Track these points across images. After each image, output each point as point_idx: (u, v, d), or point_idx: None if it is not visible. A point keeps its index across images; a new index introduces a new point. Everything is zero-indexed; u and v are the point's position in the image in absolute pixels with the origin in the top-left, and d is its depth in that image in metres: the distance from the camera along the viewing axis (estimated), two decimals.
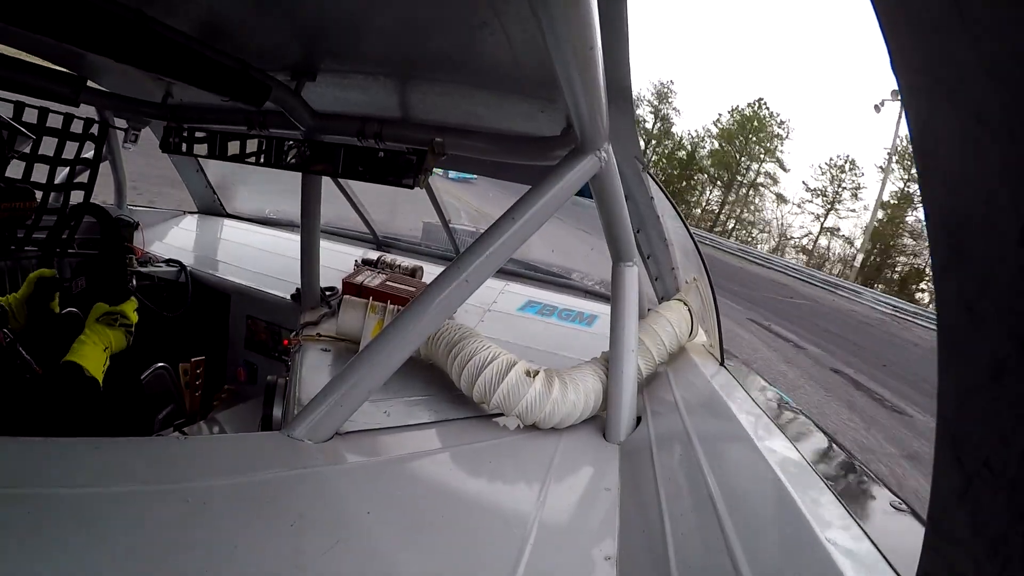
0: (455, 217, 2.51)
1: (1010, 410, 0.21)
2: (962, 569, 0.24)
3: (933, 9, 0.20)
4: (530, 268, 2.44)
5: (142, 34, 0.80)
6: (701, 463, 0.80)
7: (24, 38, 1.14)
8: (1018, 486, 0.21)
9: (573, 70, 0.63)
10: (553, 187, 0.92)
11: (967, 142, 0.21)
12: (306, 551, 0.60)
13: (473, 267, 0.89)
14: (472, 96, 1.03)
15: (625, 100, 0.88)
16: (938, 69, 0.21)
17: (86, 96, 1.25)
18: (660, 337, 1.26)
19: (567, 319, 1.90)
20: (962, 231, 0.23)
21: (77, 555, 0.51)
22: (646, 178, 1.29)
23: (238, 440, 0.93)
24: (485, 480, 0.89)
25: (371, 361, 0.87)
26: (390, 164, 1.19)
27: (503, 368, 1.05)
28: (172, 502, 0.62)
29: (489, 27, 0.70)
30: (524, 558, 0.67)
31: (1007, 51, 0.18)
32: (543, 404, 1.02)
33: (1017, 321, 0.20)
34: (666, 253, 1.54)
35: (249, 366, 2.04)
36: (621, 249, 1.15)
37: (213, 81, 0.96)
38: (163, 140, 1.55)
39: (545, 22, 0.55)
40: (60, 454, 0.66)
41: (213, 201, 2.78)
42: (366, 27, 0.84)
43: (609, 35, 0.65)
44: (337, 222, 2.72)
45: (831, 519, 0.61)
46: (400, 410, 1.06)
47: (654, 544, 0.69)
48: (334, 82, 1.14)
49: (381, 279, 1.64)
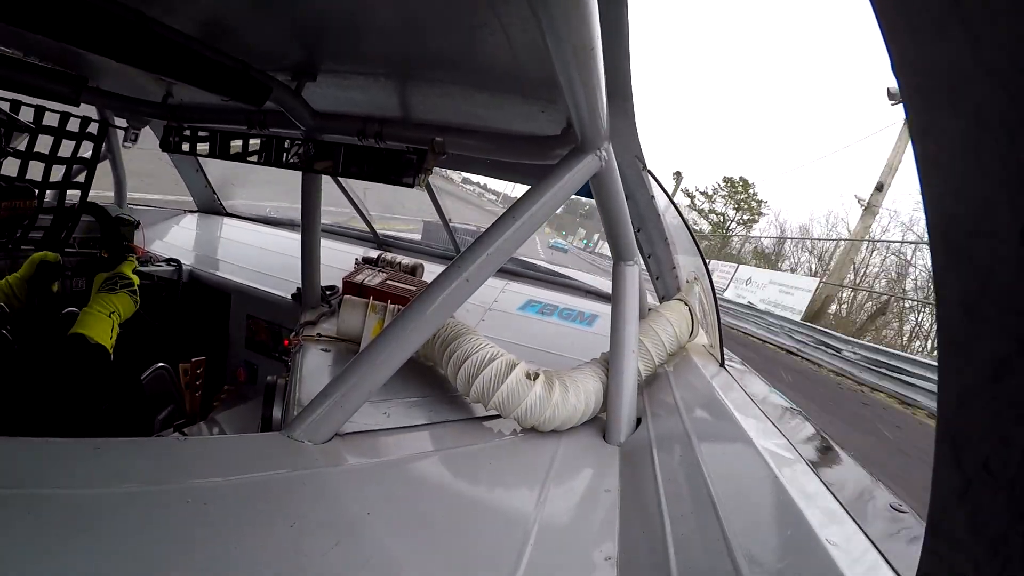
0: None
1: (1010, 410, 0.21)
2: (962, 570, 0.24)
3: (933, 10, 0.20)
4: (530, 267, 2.44)
5: (142, 34, 0.80)
6: (701, 464, 0.80)
7: (24, 38, 1.14)
8: (1018, 487, 0.20)
9: (573, 70, 0.63)
10: (553, 186, 0.92)
11: (967, 142, 0.21)
12: (306, 552, 0.60)
13: (474, 266, 0.89)
14: (472, 96, 1.03)
15: (625, 100, 0.88)
16: (938, 70, 0.21)
17: (86, 96, 1.25)
18: (660, 337, 1.26)
19: (568, 319, 1.90)
20: (962, 231, 0.23)
21: (77, 555, 0.51)
22: (646, 177, 1.29)
23: (238, 441, 0.93)
24: (485, 481, 0.89)
25: (371, 362, 0.87)
26: (390, 163, 1.19)
27: (503, 369, 1.04)
28: (172, 503, 0.62)
29: (489, 27, 0.70)
30: (524, 559, 0.67)
31: (1007, 52, 0.18)
32: (543, 408, 1.01)
33: (1017, 321, 0.20)
34: (667, 252, 1.54)
35: (249, 366, 2.04)
36: (622, 248, 1.15)
37: (213, 81, 0.96)
38: (163, 139, 1.55)
39: (545, 22, 0.55)
40: (60, 454, 0.66)
41: (213, 200, 2.79)
42: (367, 28, 0.84)
43: (609, 35, 0.65)
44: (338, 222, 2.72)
45: (831, 520, 0.61)
46: (400, 411, 1.05)
47: (654, 545, 0.69)
48: (334, 82, 1.14)
49: (381, 278, 1.64)
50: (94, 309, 1.20)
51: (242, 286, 2.01)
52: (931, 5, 0.20)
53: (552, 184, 0.92)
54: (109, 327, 1.19)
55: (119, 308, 1.24)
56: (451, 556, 0.67)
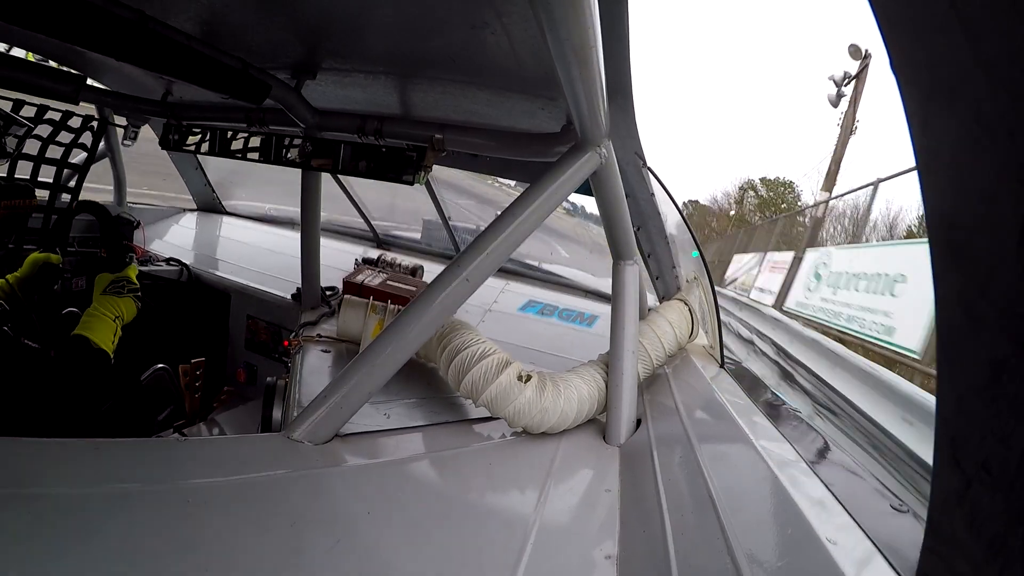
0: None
1: (1009, 411, 0.21)
2: (961, 570, 0.24)
3: (932, 9, 0.20)
4: (530, 267, 2.44)
5: (143, 33, 0.80)
6: (701, 465, 0.80)
7: (25, 37, 1.14)
8: (1017, 487, 0.20)
9: (573, 67, 0.62)
10: (553, 184, 0.91)
11: (967, 142, 0.21)
12: (306, 553, 0.60)
13: (474, 265, 0.89)
14: (472, 94, 1.02)
15: (625, 97, 0.87)
16: (938, 69, 0.21)
17: (86, 94, 1.25)
18: (660, 338, 1.25)
19: (567, 319, 1.90)
20: (962, 231, 0.23)
21: (77, 556, 0.51)
22: (647, 175, 1.28)
23: (238, 442, 0.93)
24: (485, 482, 0.89)
25: (371, 363, 0.87)
26: (390, 160, 1.19)
27: (494, 368, 1.01)
28: (172, 503, 0.62)
29: (490, 27, 0.70)
30: (524, 559, 0.67)
31: (1006, 51, 0.18)
32: (531, 411, 0.99)
33: (1016, 322, 0.20)
34: (667, 251, 1.54)
35: (249, 367, 2.04)
36: (621, 247, 1.15)
37: (213, 79, 0.96)
38: (163, 137, 1.55)
39: (545, 20, 0.55)
40: (60, 454, 0.66)
41: (212, 199, 2.78)
42: (367, 26, 0.83)
43: (609, 34, 0.65)
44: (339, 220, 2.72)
45: (831, 520, 0.61)
46: (400, 412, 1.05)
47: (655, 544, 0.69)
48: (334, 80, 1.14)
49: (381, 278, 1.64)
50: (99, 312, 1.20)
51: (242, 286, 2.01)
52: (931, 5, 0.20)
53: (552, 181, 0.91)
54: (112, 331, 1.19)
55: (123, 312, 1.24)
56: (451, 556, 0.67)
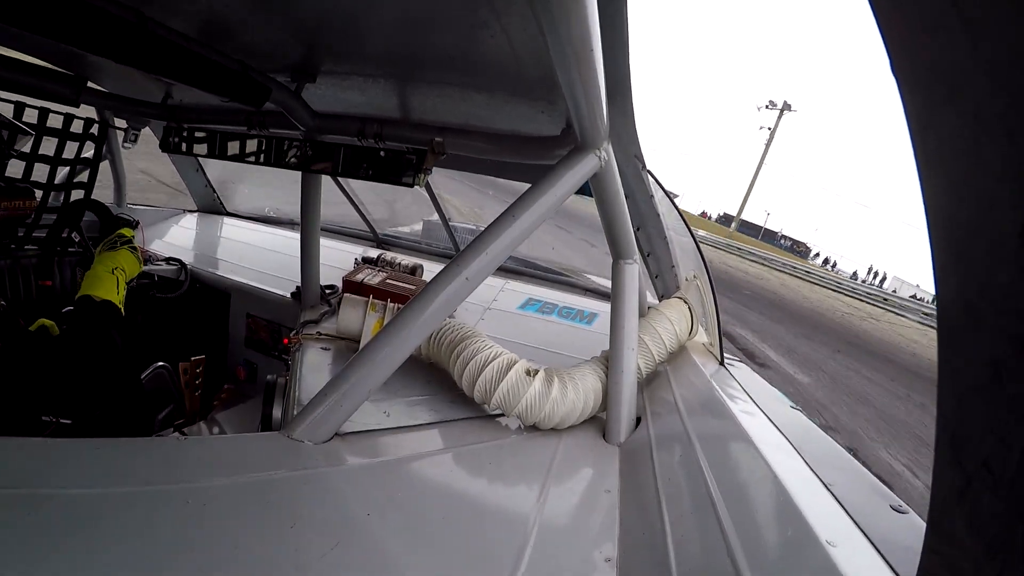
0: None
1: (1009, 410, 0.21)
2: (961, 569, 0.24)
3: (932, 9, 0.20)
4: (530, 266, 2.44)
5: (142, 35, 0.80)
6: (701, 464, 0.80)
7: (24, 39, 1.13)
8: (1017, 487, 0.20)
9: (573, 70, 0.63)
10: (553, 185, 0.92)
11: (967, 142, 0.21)
12: (306, 552, 0.60)
13: (473, 265, 0.89)
14: (472, 97, 1.02)
15: (625, 99, 0.88)
16: (938, 69, 0.21)
17: (86, 96, 1.25)
18: (660, 336, 1.26)
19: (567, 317, 1.90)
20: (962, 231, 0.23)
21: (77, 556, 0.51)
22: (646, 176, 1.29)
23: (238, 441, 0.93)
24: (485, 481, 0.89)
25: (371, 360, 0.87)
26: (390, 163, 1.19)
27: (503, 367, 1.04)
28: (172, 503, 0.62)
29: (489, 29, 0.70)
30: (524, 559, 0.67)
31: (1006, 51, 0.18)
32: (543, 404, 1.02)
33: (1016, 322, 0.20)
34: (666, 250, 1.54)
35: (249, 365, 2.04)
36: (621, 246, 1.15)
37: (213, 82, 0.96)
38: (163, 140, 1.55)
39: (545, 22, 0.55)
40: (60, 454, 0.66)
41: (213, 200, 2.79)
42: (367, 29, 0.84)
43: (609, 35, 0.65)
44: (338, 220, 2.72)
45: (831, 520, 0.61)
46: (400, 410, 1.05)
47: (654, 545, 0.69)
48: (334, 83, 1.14)
49: (381, 277, 1.64)
50: (97, 269, 1.19)
51: (242, 285, 2.01)
52: (931, 5, 0.20)
53: (552, 183, 0.92)
54: (114, 283, 1.18)
55: (122, 264, 1.22)
56: (451, 556, 0.67)
